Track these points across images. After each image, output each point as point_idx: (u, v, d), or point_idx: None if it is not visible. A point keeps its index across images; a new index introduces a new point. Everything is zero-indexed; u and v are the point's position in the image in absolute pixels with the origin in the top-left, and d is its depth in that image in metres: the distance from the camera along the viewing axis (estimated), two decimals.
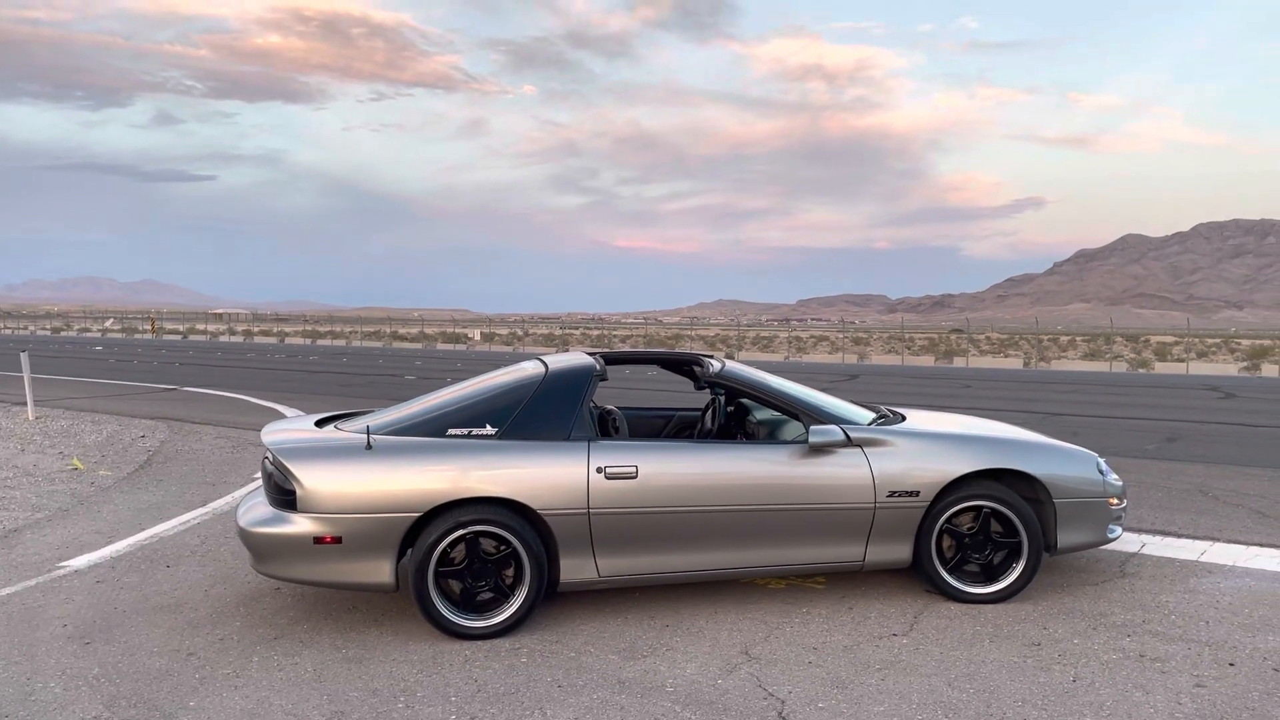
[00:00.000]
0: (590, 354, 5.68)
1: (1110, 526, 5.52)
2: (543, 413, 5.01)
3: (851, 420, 5.36)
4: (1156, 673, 4.32)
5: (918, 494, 5.13)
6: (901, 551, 5.22)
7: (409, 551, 4.78)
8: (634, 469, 4.89)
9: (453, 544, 4.73)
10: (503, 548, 4.78)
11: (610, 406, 5.84)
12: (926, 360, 40.82)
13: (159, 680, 4.29)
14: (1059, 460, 5.42)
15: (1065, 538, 5.36)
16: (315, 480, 4.67)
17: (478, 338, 55.76)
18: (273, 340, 61.07)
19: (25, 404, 14.15)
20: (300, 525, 4.67)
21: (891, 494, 5.11)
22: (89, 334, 70.75)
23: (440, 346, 53.88)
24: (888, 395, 18.44)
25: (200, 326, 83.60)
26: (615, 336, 66.25)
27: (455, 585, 4.78)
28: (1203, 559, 6.16)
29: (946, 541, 5.28)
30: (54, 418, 13.44)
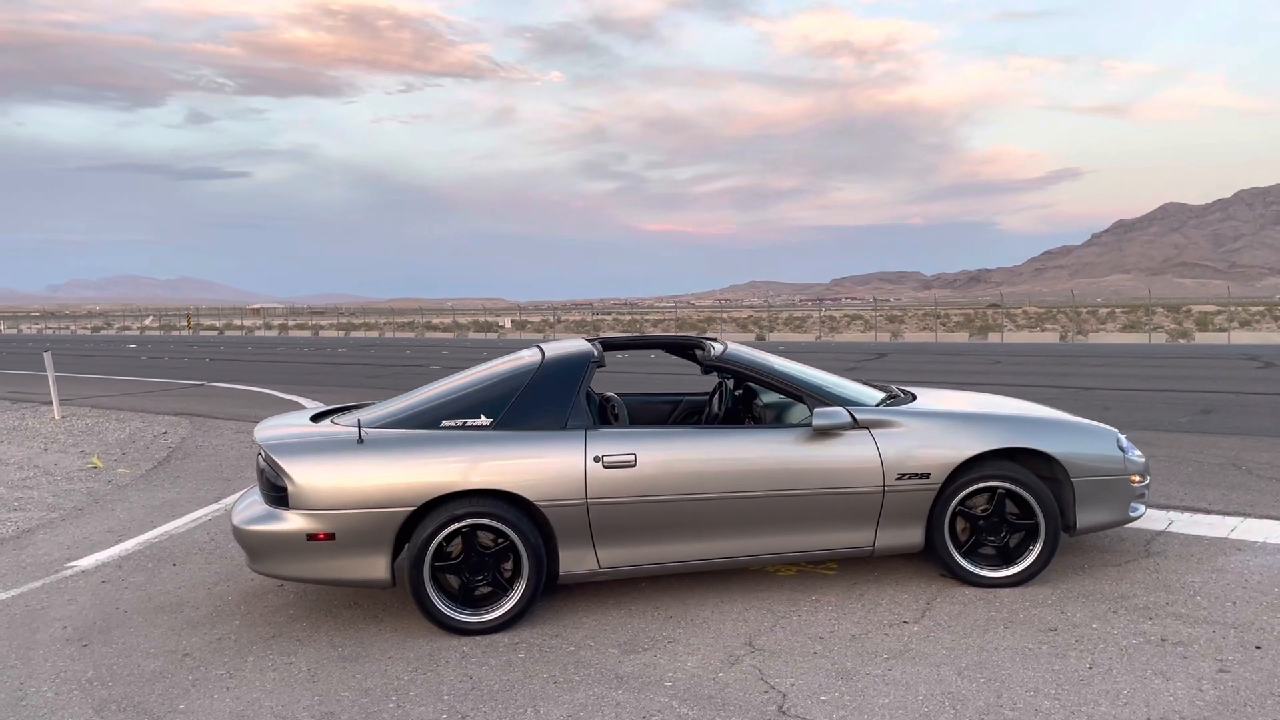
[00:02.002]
0: (590, 340, 5.56)
1: (1132, 505, 5.32)
2: (539, 402, 4.89)
3: (858, 401, 5.19)
4: (1178, 658, 4.13)
5: (928, 476, 4.96)
6: (913, 536, 5.05)
7: (406, 546, 4.69)
8: (632, 457, 4.76)
9: (448, 538, 4.63)
10: (500, 541, 4.67)
11: (610, 393, 5.70)
12: (960, 337, 40.36)
13: (152, 683, 4.23)
14: (1076, 437, 5.23)
15: (1085, 518, 5.16)
16: (306, 476, 4.58)
17: (509, 326, 55.81)
18: (307, 334, 61.50)
19: (51, 403, 14.30)
20: (293, 522, 4.59)
21: (900, 476, 4.95)
22: (128, 332, 71.65)
23: (472, 336, 54.01)
24: (914, 374, 18.19)
25: (237, 322, 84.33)
26: (647, 321, 66.10)
27: (453, 580, 4.68)
28: (1232, 536, 5.93)
29: (960, 524, 5.11)
30: (79, 416, 13.53)
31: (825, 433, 4.95)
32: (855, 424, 4.97)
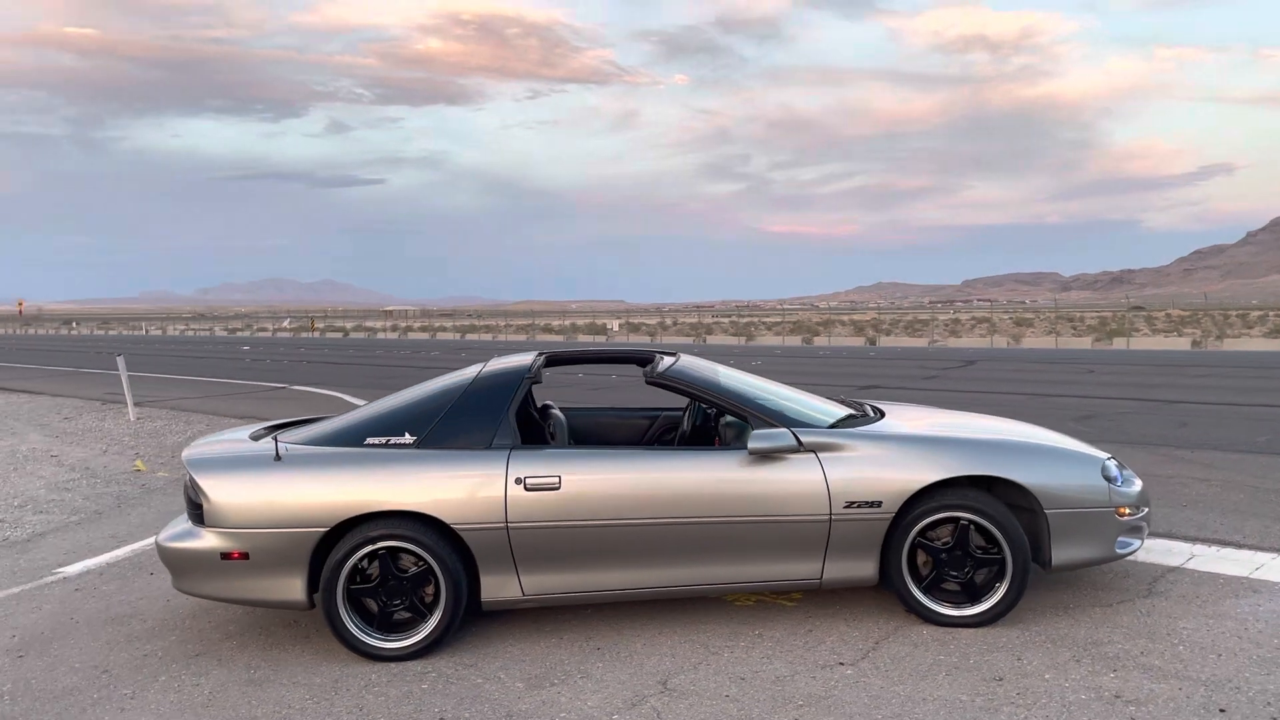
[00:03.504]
0: (540, 354, 5.37)
1: (1121, 540, 4.82)
2: (465, 419, 4.71)
3: (807, 422, 4.83)
4: (1124, 719, 3.67)
5: (879, 504, 4.58)
6: (864, 569, 4.68)
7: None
8: (556, 479, 4.53)
9: (365, 560, 4.49)
10: (420, 564, 4.51)
11: (555, 410, 5.45)
12: (1084, 342, 38.45)
13: (57, 700, 4.21)
14: (1051, 464, 4.76)
15: (1061, 553, 4.70)
16: (221, 493, 4.51)
17: (616, 329, 55.84)
18: (425, 336, 62.81)
19: (140, 404, 14.91)
20: (207, 540, 4.52)
21: (849, 504, 4.58)
22: (263, 333, 74.56)
23: (580, 338, 54.28)
24: (988, 383, 17.15)
25: (367, 324, 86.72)
26: (764, 324, 65.35)
27: (371, 604, 4.53)
28: (1255, 575, 5.33)
29: (922, 557, 4.71)
30: (153, 418, 14.00)
31: (767, 456, 4.62)
32: (799, 447, 4.62)
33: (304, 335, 69.91)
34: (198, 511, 4.57)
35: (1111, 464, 4.92)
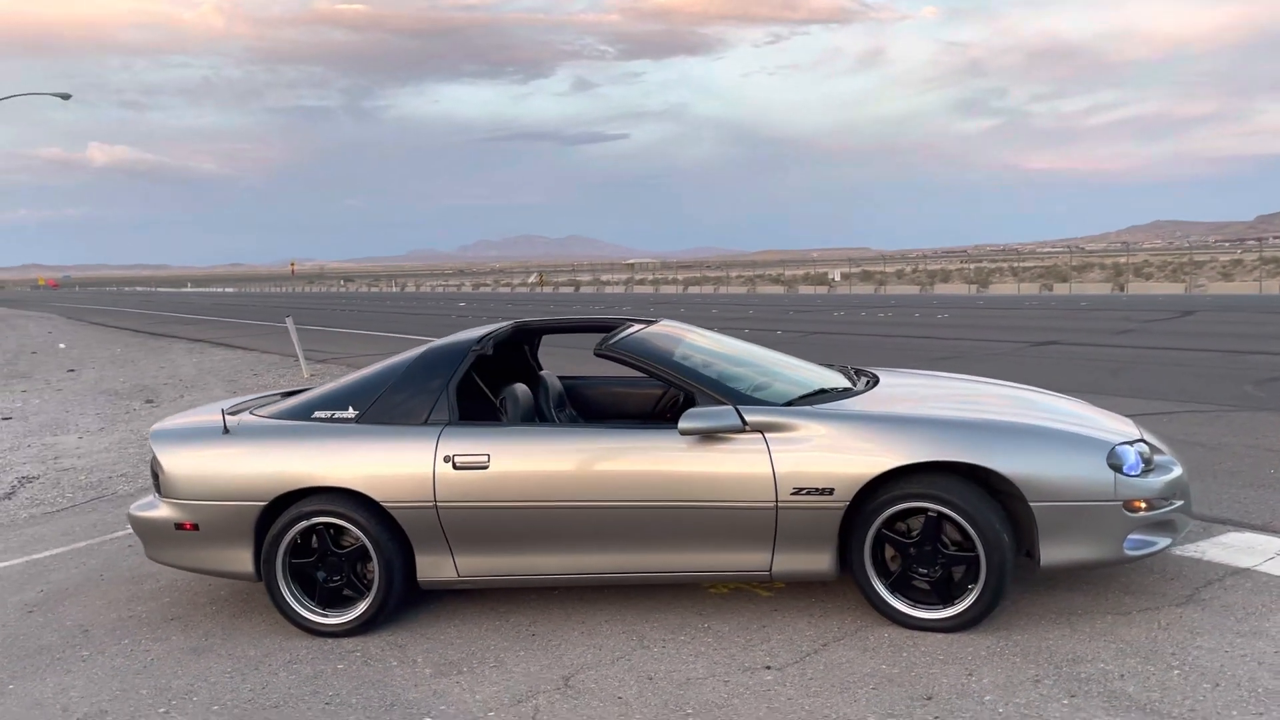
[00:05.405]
0: (514, 323, 5.17)
1: (1134, 539, 4.08)
2: (405, 394, 4.59)
3: (762, 400, 4.37)
4: None
5: (830, 492, 4.09)
6: (819, 561, 4.21)
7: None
8: (485, 458, 4.33)
9: (304, 535, 4.47)
10: (358, 542, 4.45)
11: (521, 385, 5.16)
12: None
13: (24, 659, 4.45)
14: (1038, 448, 4.08)
15: (1052, 552, 4.04)
16: (173, 465, 4.61)
17: (838, 278, 54.11)
18: (649, 290, 63.52)
19: (324, 360, 15.84)
20: (163, 511, 4.65)
21: (797, 491, 4.12)
22: (505, 289, 77.81)
23: (802, 290, 53.19)
24: (1191, 337, 15.12)
25: (604, 277, 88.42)
26: (1011, 270, 61.44)
27: (314, 578, 4.52)
28: None
29: (889, 551, 4.18)
30: (326, 374, 14.82)
31: (703, 436, 4.21)
32: (743, 426, 4.18)
33: (537, 291, 72.40)
34: (156, 482, 4.70)
35: (1127, 450, 4.16)
